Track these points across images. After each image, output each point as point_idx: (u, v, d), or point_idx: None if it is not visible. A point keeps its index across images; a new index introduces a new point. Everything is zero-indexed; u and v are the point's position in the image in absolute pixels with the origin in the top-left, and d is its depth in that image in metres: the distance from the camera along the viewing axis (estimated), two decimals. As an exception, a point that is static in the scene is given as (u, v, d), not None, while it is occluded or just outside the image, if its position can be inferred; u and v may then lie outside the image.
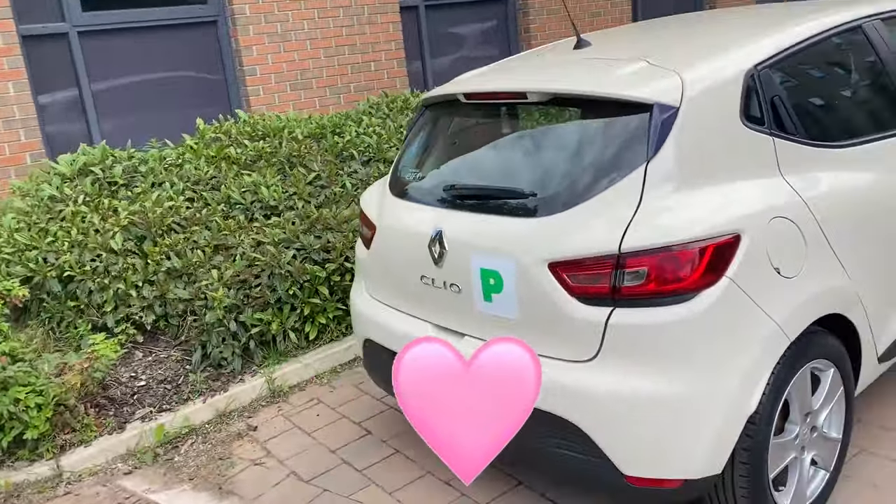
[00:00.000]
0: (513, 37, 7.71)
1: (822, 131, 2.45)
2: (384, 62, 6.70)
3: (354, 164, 4.80)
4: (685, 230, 2.01)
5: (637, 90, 2.18)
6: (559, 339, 2.17)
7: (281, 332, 3.87)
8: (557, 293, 2.13)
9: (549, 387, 2.18)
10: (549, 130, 2.40)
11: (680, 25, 3.07)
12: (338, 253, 4.00)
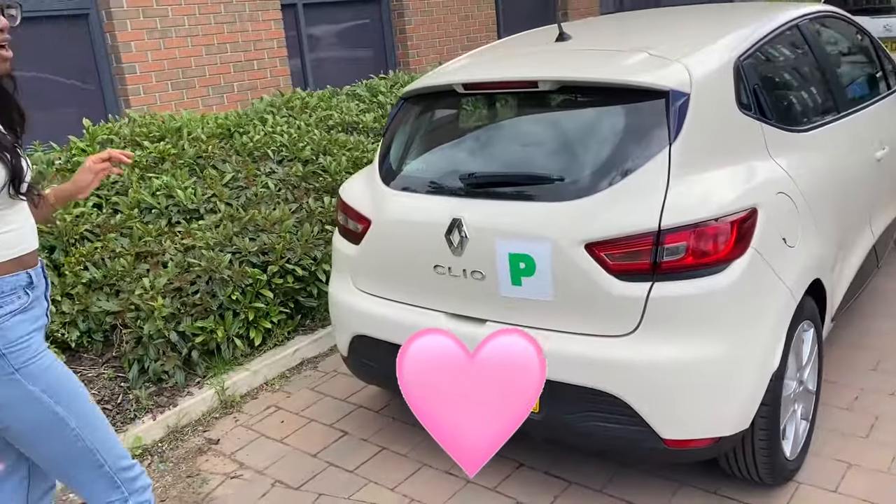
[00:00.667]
0: (388, 37, 7.75)
1: (788, 117, 2.74)
2: (267, 60, 6.50)
3: (270, 164, 4.63)
4: (717, 206, 2.18)
5: (653, 77, 2.32)
6: (597, 316, 2.26)
7: (226, 340, 3.67)
8: (596, 272, 2.22)
9: (589, 363, 2.27)
10: (564, 117, 2.48)
11: (644, 22, 3.28)
12: (277, 255, 3.85)
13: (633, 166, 2.26)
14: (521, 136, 2.51)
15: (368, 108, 5.68)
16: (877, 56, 3.73)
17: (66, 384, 1.88)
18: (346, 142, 4.96)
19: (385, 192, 2.70)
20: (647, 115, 2.31)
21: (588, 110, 2.44)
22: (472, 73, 2.66)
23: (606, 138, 2.35)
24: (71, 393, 1.88)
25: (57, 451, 1.88)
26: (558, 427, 2.41)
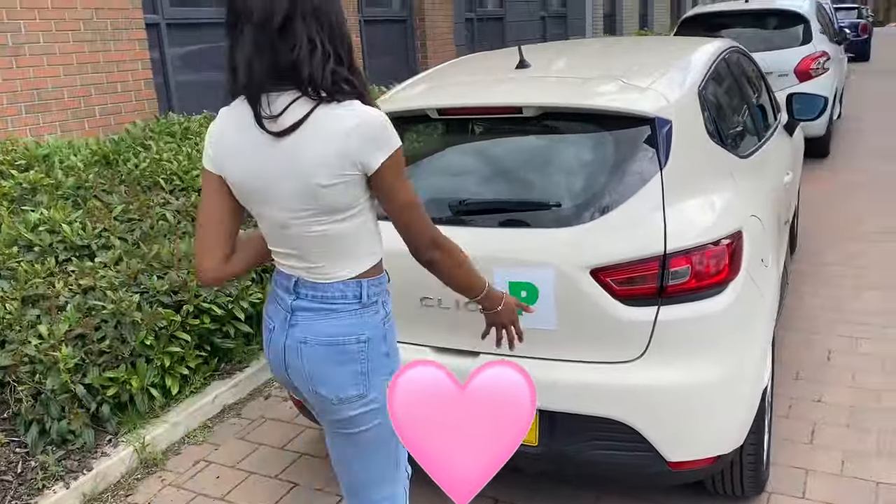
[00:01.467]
0: (254, 62, 7.42)
1: (736, 144, 2.89)
2: (132, 83, 6.00)
3: (162, 194, 4.25)
4: (713, 229, 2.24)
5: (639, 105, 2.36)
6: (604, 342, 2.23)
7: (140, 391, 3.28)
8: (602, 298, 2.20)
9: (595, 391, 2.24)
10: (549, 143, 2.45)
11: (585, 51, 3.34)
12: (191, 293, 3.52)
13: (629, 191, 2.27)
14: (506, 161, 2.45)
15: (254, 134, 5.39)
16: (766, 88, 4.06)
17: None
18: (240, 170, 4.66)
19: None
20: (635, 141, 2.34)
21: (574, 136, 2.43)
22: (446, 98, 2.57)
23: (599, 164, 2.35)
24: None
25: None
26: (558, 459, 2.35)
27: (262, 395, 3.69)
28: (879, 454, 2.85)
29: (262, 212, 1.66)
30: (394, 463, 1.93)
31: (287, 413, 3.49)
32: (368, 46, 9.02)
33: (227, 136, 1.64)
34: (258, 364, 3.79)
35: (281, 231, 1.67)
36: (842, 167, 7.77)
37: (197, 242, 1.70)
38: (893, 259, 4.96)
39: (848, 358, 3.62)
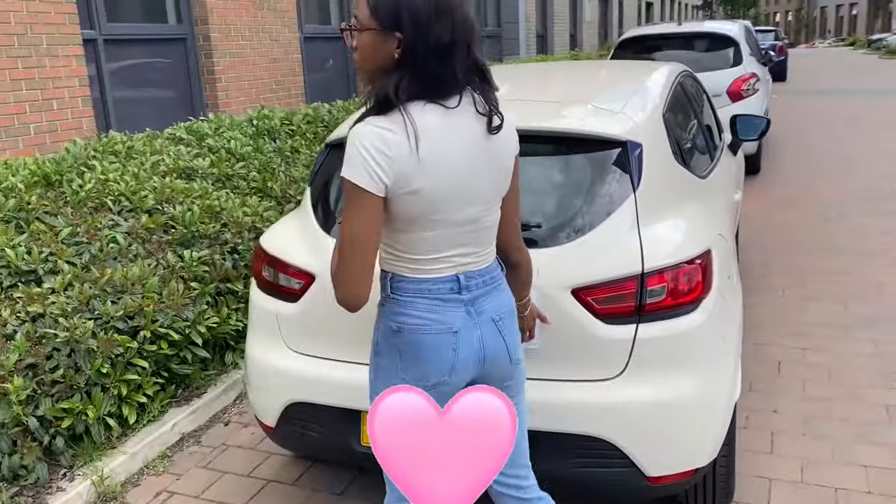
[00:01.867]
0: (194, 77, 7.30)
1: (697, 165, 2.99)
2: (68, 100, 5.80)
3: (111, 216, 4.11)
4: (686, 248, 2.30)
5: (612, 128, 2.42)
6: (585, 361, 2.27)
7: (96, 421, 3.15)
8: (584, 317, 2.23)
9: (577, 409, 2.27)
10: (528, 165, 2.44)
11: (548, 76, 3.40)
12: (147, 318, 3.41)
13: (605, 212, 2.32)
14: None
15: (199, 152, 5.27)
16: (712, 109, 4.22)
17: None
18: (189, 190, 4.55)
19: (331, 243, 2.51)
20: (609, 164, 2.40)
21: (550, 159, 2.47)
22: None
23: (575, 186, 2.40)
24: None
25: None
26: (542, 478, 2.35)
27: (221, 422, 3.59)
28: (836, 462, 2.97)
29: (454, 216, 1.68)
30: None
31: (250, 439, 3.42)
32: (308, 63, 8.96)
33: (434, 145, 1.60)
34: (216, 390, 3.70)
35: (463, 229, 1.72)
36: (773, 183, 8.11)
37: (352, 269, 1.65)
38: (830, 270, 5.20)
39: (797, 368, 3.77)
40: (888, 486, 2.79)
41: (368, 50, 1.63)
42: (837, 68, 28.62)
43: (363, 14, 1.61)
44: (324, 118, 6.70)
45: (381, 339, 1.84)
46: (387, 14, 1.58)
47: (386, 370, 1.86)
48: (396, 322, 1.78)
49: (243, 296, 4.04)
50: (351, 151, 1.60)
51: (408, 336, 1.78)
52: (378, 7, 1.59)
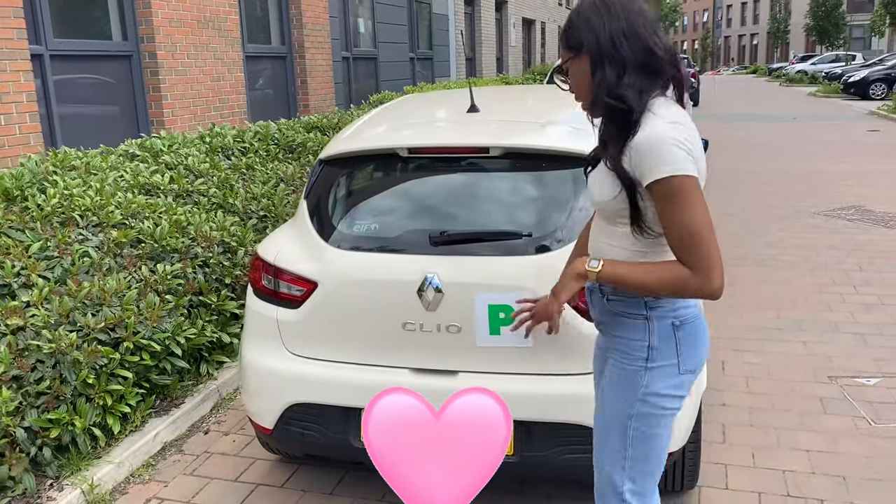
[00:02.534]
0: (139, 94, 7.28)
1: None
2: (16, 115, 5.72)
3: (79, 231, 4.12)
4: (660, 254, 2.58)
5: (592, 147, 2.68)
6: (573, 356, 2.50)
7: (83, 432, 3.19)
8: (572, 316, 2.47)
9: (566, 400, 2.49)
10: (514, 180, 2.71)
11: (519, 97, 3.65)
12: (129, 330, 3.47)
13: (584, 223, 2.57)
14: (477, 196, 2.68)
15: (157, 169, 5.31)
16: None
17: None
18: (154, 205, 4.60)
19: (333, 252, 2.68)
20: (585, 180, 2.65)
21: (536, 174, 2.70)
22: (417, 138, 2.78)
23: (561, 198, 2.64)
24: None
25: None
26: (534, 465, 2.58)
27: (200, 431, 3.66)
28: (781, 448, 3.29)
29: None
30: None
31: (232, 446, 3.50)
32: (250, 81, 9.02)
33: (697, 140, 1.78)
34: (193, 399, 3.77)
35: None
36: (697, 201, 8.63)
37: (717, 256, 1.70)
38: (759, 280, 5.63)
39: (739, 367, 4.12)
40: (828, 467, 3.13)
41: (577, 79, 1.85)
42: (744, 95, 30.30)
43: (565, 52, 1.84)
44: (274, 136, 6.80)
45: (657, 343, 1.85)
46: (574, 38, 1.81)
47: (662, 372, 1.86)
48: (677, 318, 1.85)
49: (216, 308, 4.12)
50: (664, 151, 1.67)
51: (687, 328, 1.86)
52: (568, 37, 1.83)
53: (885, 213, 7.86)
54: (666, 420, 1.91)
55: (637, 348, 1.88)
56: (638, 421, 1.89)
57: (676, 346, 1.85)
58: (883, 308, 4.99)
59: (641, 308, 1.86)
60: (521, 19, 24.38)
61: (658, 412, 1.88)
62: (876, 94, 24.40)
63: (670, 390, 1.87)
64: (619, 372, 1.92)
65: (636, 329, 1.88)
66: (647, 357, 1.86)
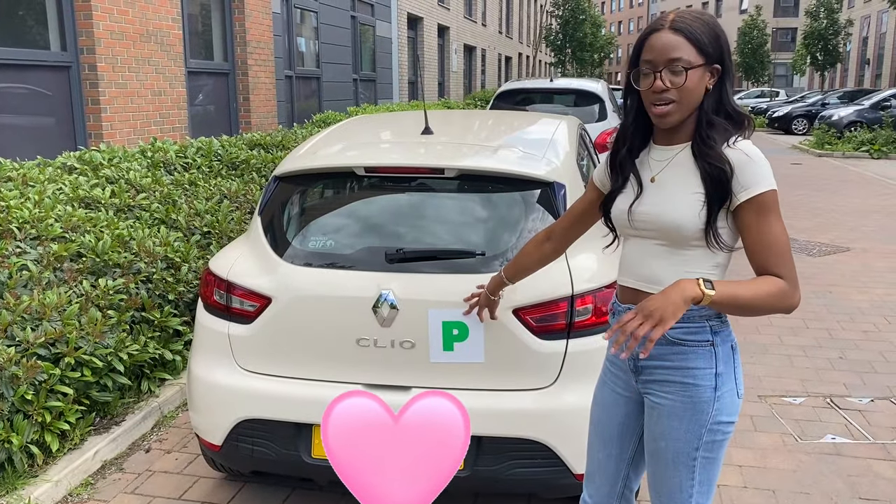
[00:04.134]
0: (77, 106, 7.12)
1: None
2: (-53, 124, 5.54)
3: (16, 243, 4.02)
4: (604, 275, 2.68)
5: (540, 170, 2.78)
6: (523, 372, 2.58)
7: (20, 449, 3.10)
8: (523, 333, 2.55)
9: (516, 415, 2.56)
10: (467, 200, 2.78)
11: (468, 122, 3.74)
12: (70, 345, 3.39)
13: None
14: (431, 215, 2.75)
15: (97, 182, 5.20)
16: (597, 157, 4.74)
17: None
18: (95, 219, 4.52)
19: (288, 268, 2.70)
20: (538, 201, 2.76)
21: (487, 195, 2.78)
22: (374, 157, 2.84)
23: (512, 218, 2.72)
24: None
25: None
26: (485, 479, 2.63)
27: (141, 449, 3.59)
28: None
29: None
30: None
31: (174, 464, 3.45)
32: (191, 97, 8.92)
33: None
34: (134, 417, 3.70)
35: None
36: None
37: (795, 270, 1.75)
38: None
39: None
40: (759, 482, 3.28)
41: (695, 87, 1.76)
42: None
43: (691, 55, 1.74)
44: (217, 152, 6.74)
45: (722, 370, 1.83)
46: (714, 50, 1.76)
47: (728, 396, 1.84)
48: (733, 341, 1.87)
49: (159, 324, 4.06)
50: (765, 167, 1.74)
51: (738, 350, 1.88)
52: (706, 45, 1.75)
53: (808, 241, 8.27)
54: (726, 444, 1.88)
55: (705, 377, 1.82)
56: (705, 450, 1.85)
57: (734, 370, 1.84)
58: (807, 331, 5.25)
59: (707, 333, 1.82)
60: (463, 45, 24.76)
61: (722, 438, 1.85)
62: (798, 129, 25.61)
63: (732, 416, 1.85)
64: (681, 405, 1.84)
65: (703, 357, 1.82)
66: (715, 385, 1.81)
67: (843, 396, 4.18)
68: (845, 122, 20.79)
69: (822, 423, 3.84)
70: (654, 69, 1.76)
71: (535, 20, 42.59)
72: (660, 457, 1.90)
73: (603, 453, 2.11)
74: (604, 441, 2.10)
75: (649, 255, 1.88)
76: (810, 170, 15.42)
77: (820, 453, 3.53)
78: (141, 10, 7.69)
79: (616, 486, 2.13)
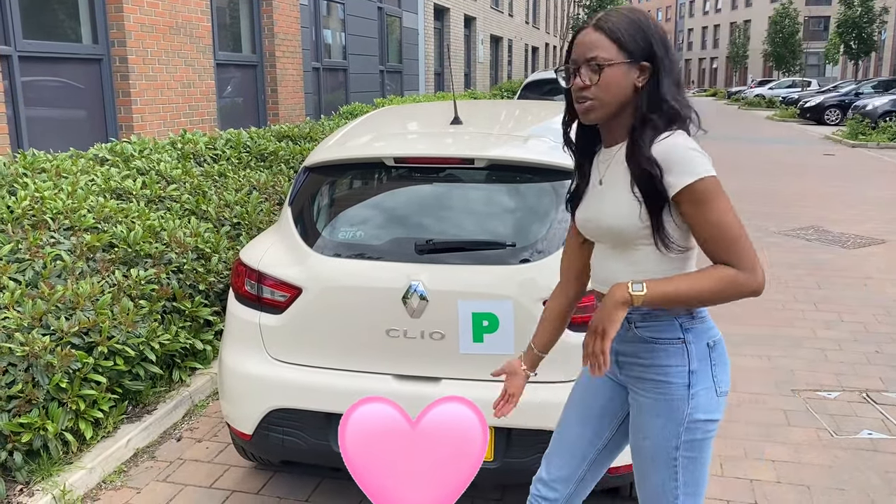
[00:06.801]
0: (108, 98, 7.20)
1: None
2: (-17, 116, 5.63)
3: (50, 234, 4.07)
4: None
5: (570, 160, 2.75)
6: (552, 364, 2.52)
7: (55, 437, 3.14)
8: (554, 325, 2.53)
9: (546, 406, 2.54)
10: (496, 190, 2.76)
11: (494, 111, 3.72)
12: (103, 335, 3.43)
13: (565, 233, 2.64)
14: (461, 205, 2.73)
15: (129, 174, 5.26)
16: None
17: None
18: (126, 210, 4.56)
19: (318, 258, 2.70)
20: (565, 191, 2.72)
21: (519, 185, 2.76)
22: (401, 148, 2.83)
23: (542, 209, 2.70)
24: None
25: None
26: (514, 471, 2.61)
27: (172, 438, 3.63)
28: (748, 458, 3.39)
29: None
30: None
31: (205, 453, 3.48)
32: (220, 89, 8.98)
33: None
34: (166, 406, 3.74)
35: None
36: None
37: (753, 249, 1.68)
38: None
39: (706, 380, 4.21)
40: (793, 477, 3.23)
41: (616, 83, 1.72)
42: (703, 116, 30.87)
43: (610, 52, 1.70)
44: (246, 143, 6.78)
45: (696, 367, 1.79)
46: (640, 47, 1.72)
47: (705, 394, 1.80)
48: (711, 338, 1.82)
49: (190, 314, 4.10)
50: (692, 157, 1.68)
51: (719, 348, 1.83)
52: (627, 42, 1.71)
53: (842, 233, 8.12)
54: (708, 443, 1.84)
55: (678, 374, 1.79)
56: (686, 449, 1.81)
57: (712, 368, 1.80)
58: (842, 325, 5.16)
59: (677, 330, 1.79)
60: (490, 36, 24.65)
61: (703, 437, 1.81)
62: (830, 120, 25.16)
63: (711, 414, 1.81)
64: (657, 403, 1.82)
65: (674, 354, 1.80)
66: (688, 383, 1.78)
67: (880, 391, 4.10)
68: (880, 112, 20.38)
69: (857, 419, 3.77)
70: (575, 67, 1.75)
71: (562, 10, 42.27)
72: (642, 454, 1.88)
73: (576, 432, 2.06)
74: (581, 420, 2.05)
75: (606, 258, 1.87)
76: (844, 160, 15.15)
77: (856, 449, 3.47)
78: (170, 3, 7.75)
79: (578, 470, 2.07)
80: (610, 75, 1.71)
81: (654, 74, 1.73)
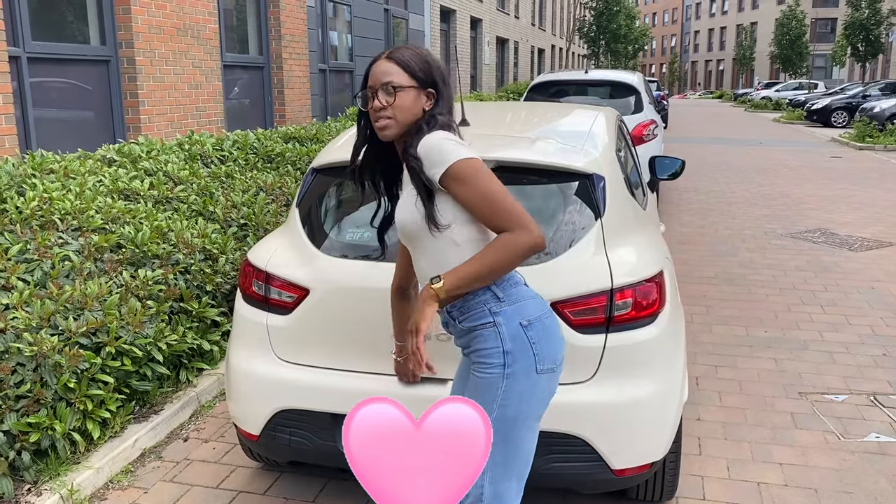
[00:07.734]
0: (116, 99, 7.22)
1: (640, 197, 3.37)
2: (-8, 117, 5.66)
3: (58, 234, 4.09)
4: (645, 268, 2.64)
5: (578, 162, 2.75)
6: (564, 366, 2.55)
7: (63, 436, 3.15)
8: (561, 327, 2.52)
9: (555, 409, 2.53)
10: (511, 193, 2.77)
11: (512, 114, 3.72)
12: (111, 335, 3.44)
13: (577, 236, 2.64)
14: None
15: (136, 175, 5.27)
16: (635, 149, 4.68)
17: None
18: (134, 210, 4.58)
19: (325, 259, 2.70)
20: (577, 193, 2.73)
21: (524, 187, 2.76)
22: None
23: (550, 211, 2.70)
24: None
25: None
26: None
27: (179, 438, 3.64)
28: (755, 460, 3.38)
29: None
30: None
31: (212, 453, 3.49)
32: (227, 90, 9.00)
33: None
34: (173, 406, 3.74)
35: None
36: (670, 222, 8.80)
37: (522, 210, 1.93)
38: (729, 299, 5.76)
39: (712, 382, 4.21)
40: (801, 480, 3.22)
41: (408, 105, 2.00)
42: (710, 119, 30.91)
43: (402, 79, 2.00)
44: (253, 145, 6.80)
45: (510, 347, 1.97)
46: (426, 76, 2.03)
47: (522, 374, 1.98)
48: (525, 318, 1.99)
49: (197, 315, 4.11)
50: (444, 145, 1.93)
51: (537, 325, 2.00)
52: (417, 72, 2.01)
53: (849, 236, 8.10)
54: (529, 423, 2.02)
55: (493, 355, 1.98)
56: (498, 424, 1.98)
57: (531, 346, 1.97)
58: (849, 327, 5.14)
59: (487, 315, 1.99)
60: (496, 38, 24.65)
61: (518, 415, 1.99)
62: (837, 122, 25.08)
63: (529, 392, 1.98)
64: (477, 382, 2.01)
65: (490, 338, 1.98)
66: (503, 363, 1.97)
67: (888, 394, 4.08)
68: (887, 115, 20.31)
69: (865, 422, 3.75)
70: (373, 91, 2.01)
71: (568, 12, 42.26)
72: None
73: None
74: (455, 382, 2.26)
75: (416, 259, 2.09)
76: (851, 163, 15.10)
77: (864, 452, 3.46)
78: (178, 5, 7.77)
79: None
80: (403, 98, 1.99)
81: (436, 100, 2.03)
